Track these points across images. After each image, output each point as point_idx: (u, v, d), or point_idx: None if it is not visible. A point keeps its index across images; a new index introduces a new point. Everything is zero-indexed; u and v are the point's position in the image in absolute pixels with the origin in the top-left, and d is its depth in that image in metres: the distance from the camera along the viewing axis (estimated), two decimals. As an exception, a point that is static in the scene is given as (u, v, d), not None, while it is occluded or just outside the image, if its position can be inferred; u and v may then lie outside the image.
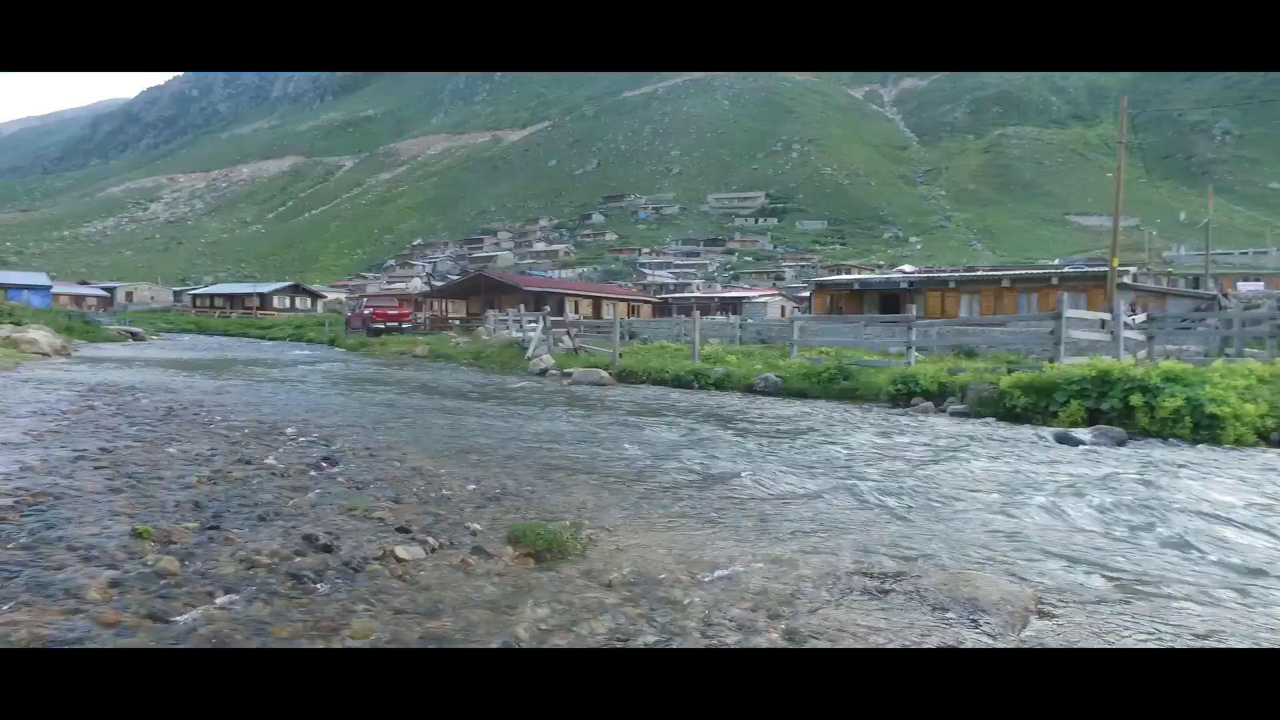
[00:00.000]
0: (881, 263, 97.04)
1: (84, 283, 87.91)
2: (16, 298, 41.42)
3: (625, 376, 16.79)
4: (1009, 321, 20.61)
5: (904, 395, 12.48)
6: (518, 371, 18.75)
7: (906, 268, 66.18)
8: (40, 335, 21.57)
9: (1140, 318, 17.98)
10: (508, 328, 25.19)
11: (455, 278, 64.51)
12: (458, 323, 37.07)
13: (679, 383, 15.70)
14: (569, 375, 16.65)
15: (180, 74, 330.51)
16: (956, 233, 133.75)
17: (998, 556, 4.19)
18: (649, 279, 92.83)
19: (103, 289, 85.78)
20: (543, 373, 17.75)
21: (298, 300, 70.69)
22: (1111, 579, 3.84)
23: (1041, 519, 5.09)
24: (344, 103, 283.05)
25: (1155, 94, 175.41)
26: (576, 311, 31.67)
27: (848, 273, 67.08)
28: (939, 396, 12.12)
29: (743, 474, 6.45)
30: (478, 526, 4.34)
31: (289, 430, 7.80)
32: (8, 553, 3.38)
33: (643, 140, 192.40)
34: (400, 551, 3.72)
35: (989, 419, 10.52)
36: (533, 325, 22.28)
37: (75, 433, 7.02)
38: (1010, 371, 11.62)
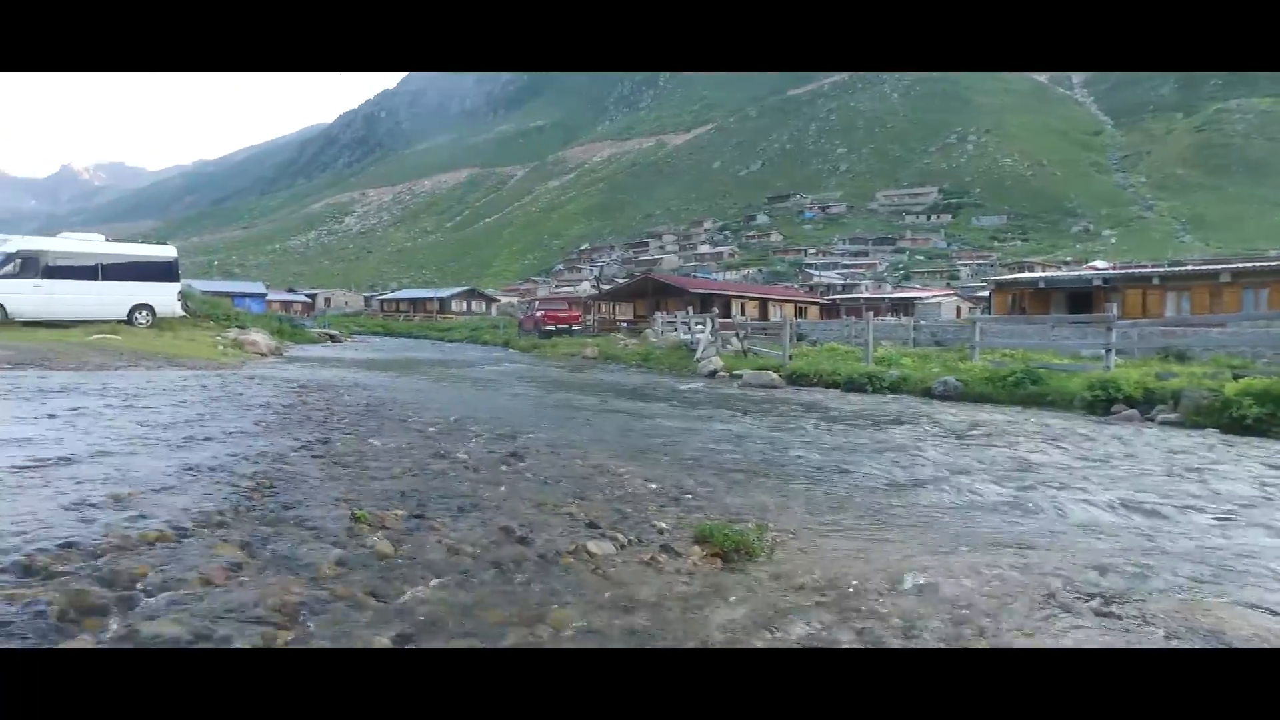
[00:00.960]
0: (1069, 259, 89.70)
1: (291, 290, 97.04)
2: (240, 304, 46.45)
3: (795, 379, 16.53)
4: (1230, 321, 18.47)
5: (1103, 402, 11.47)
6: (686, 373, 18.91)
7: (1099, 263, 60.76)
8: (259, 337, 24.12)
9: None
10: (675, 330, 25.45)
11: (622, 281, 66.02)
12: (625, 325, 37.84)
13: (852, 386, 15.27)
14: (738, 377, 16.59)
15: (371, 97, 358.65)
16: (1160, 223, 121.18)
17: (1237, 586, 3.76)
18: (815, 280, 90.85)
19: (306, 295, 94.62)
20: (712, 374, 17.81)
21: (474, 304, 74.87)
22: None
23: (1287, 543, 4.52)
24: (515, 115, 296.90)
25: None
26: (743, 313, 31.53)
27: (1031, 270, 62.61)
28: (1145, 404, 11.06)
29: (929, 482, 6.17)
30: (664, 525, 4.40)
31: (476, 427, 8.24)
32: (258, 528, 3.77)
33: (808, 139, 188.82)
34: (592, 547, 3.84)
35: (1208, 430, 9.48)
36: (700, 327, 22.40)
37: (294, 425, 7.75)
38: (1237, 378, 10.38)
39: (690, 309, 27.12)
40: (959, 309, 52.75)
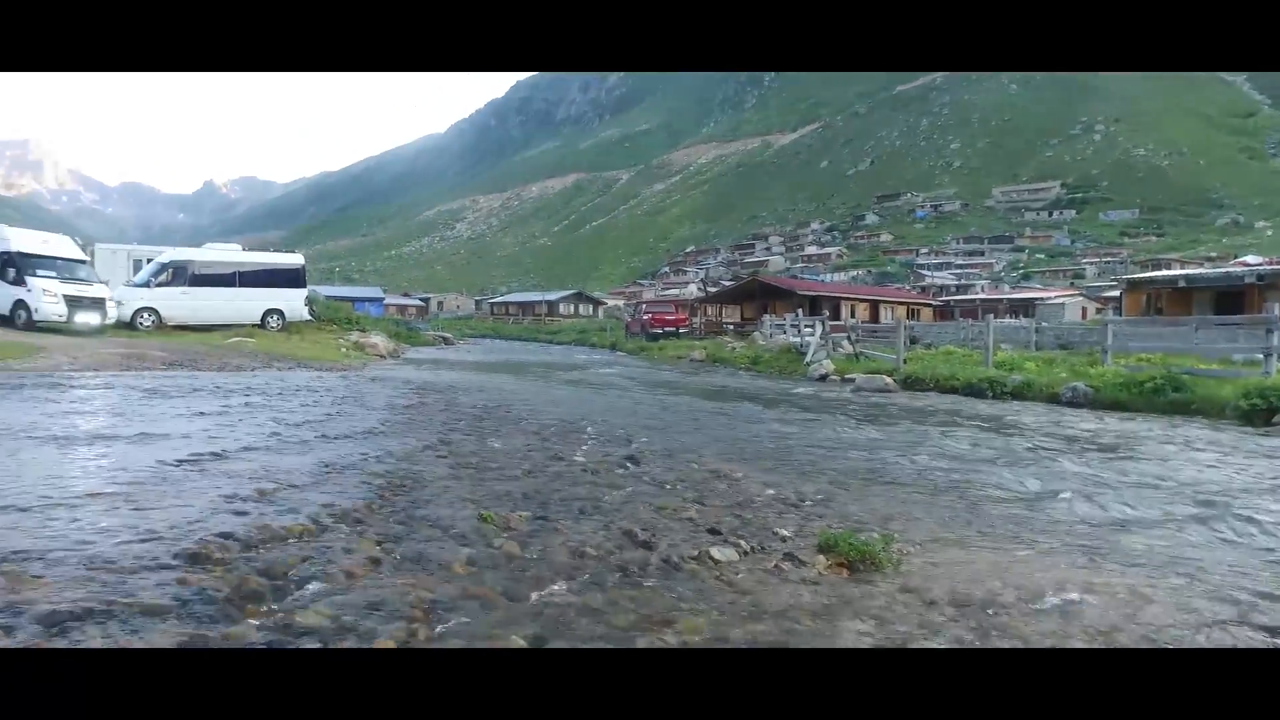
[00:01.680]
0: (1212, 254, 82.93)
1: (406, 294, 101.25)
2: (360, 309, 48.77)
3: (910, 383, 16.01)
4: None
5: (1261, 411, 10.54)
6: (796, 376, 18.64)
7: (1250, 259, 55.77)
8: (379, 340, 25.27)
9: None
10: (784, 332, 25.12)
11: (728, 283, 65.69)
12: (732, 328, 37.63)
13: (971, 391, 14.65)
14: (850, 381, 16.21)
15: (480, 107, 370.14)
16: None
17: None
18: (928, 281, 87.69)
19: (420, 299, 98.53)
20: (822, 378, 17.47)
21: (581, 307, 76.09)
22: None
23: None
24: (620, 120, 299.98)
25: None
26: (853, 315, 30.76)
27: (1168, 268, 58.47)
28: (1316, 415, 10.12)
29: (1062, 494, 5.85)
30: (785, 532, 4.33)
31: (589, 429, 8.34)
32: (392, 526, 3.93)
33: (919, 135, 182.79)
34: (715, 553, 3.81)
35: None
36: (810, 330, 22.04)
37: (416, 425, 8.06)
38: None
39: (799, 311, 26.68)
40: (1085, 310, 49.80)
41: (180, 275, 23.30)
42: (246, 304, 24.27)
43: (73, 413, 7.77)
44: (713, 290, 52.18)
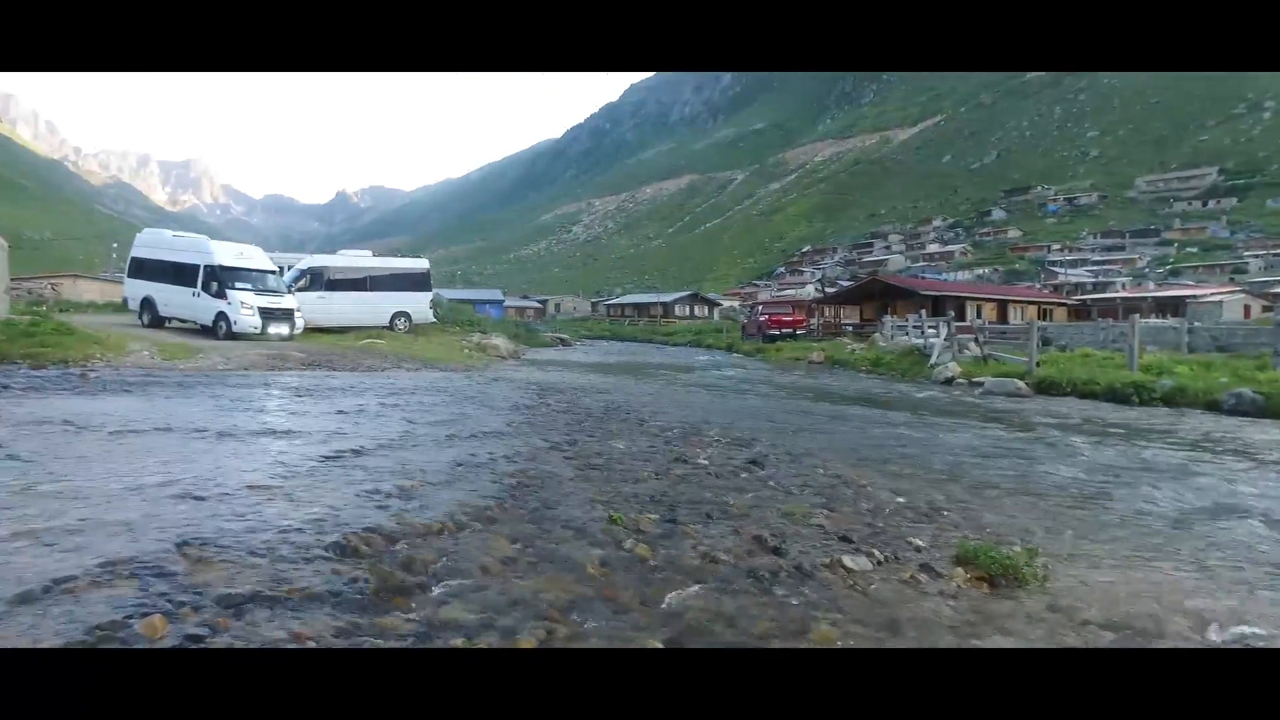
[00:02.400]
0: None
1: (524, 296, 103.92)
2: (481, 311, 50.40)
3: (1044, 387, 15.12)
4: None
5: None
6: (919, 379, 17.98)
7: None
8: (500, 341, 26.05)
9: None
10: (906, 334, 24.28)
11: (846, 283, 64.17)
12: (851, 329, 36.74)
13: (1113, 396, 13.70)
14: (979, 385, 15.48)
15: (595, 111, 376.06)
16: None
17: None
18: (1061, 278, 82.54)
19: (538, 301, 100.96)
20: (948, 381, 16.77)
21: (696, 308, 76.04)
22: None
23: None
24: (734, 120, 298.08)
25: None
26: (979, 316, 29.36)
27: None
28: None
29: (1228, 513, 5.39)
30: (920, 542, 4.18)
31: (711, 432, 8.31)
32: (524, 525, 4.03)
33: (1051, 124, 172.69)
34: (848, 561, 3.72)
35: None
36: (933, 331, 21.22)
37: (540, 426, 8.24)
38: None
39: (922, 312, 25.70)
40: (1248, 308, 45.53)
41: (317, 280, 24.68)
42: (376, 307, 25.44)
43: (230, 410, 8.38)
44: (830, 291, 51.02)
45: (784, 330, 36.68)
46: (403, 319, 25.74)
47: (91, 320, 18.70)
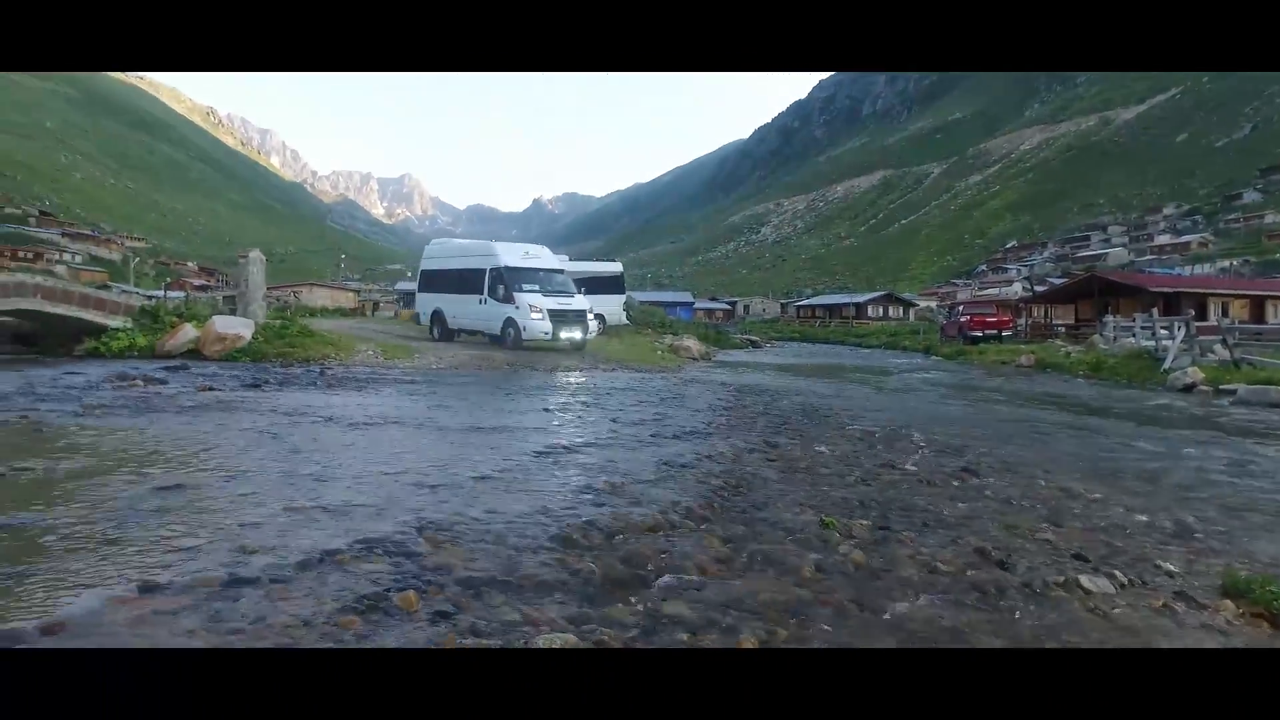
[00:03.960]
0: None
1: (714, 298, 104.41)
2: (671, 313, 51.27)
3: (1315, 396, 13.06)
4: None
5: None
6: (1150, 386, 16.17)
7: None
8: (691, 343, 26.29)
9: None
10: (1132, 335, 21.93)
11: (1057, 280, 59.10)
12: (1064, 330, 33.79)
13: None
14: (1229, 393, 13.65)
15: (783, 109, 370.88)
16: None
17: None
18: (1330, 270, 71.33)
19: (727, 303, 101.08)
20: (1187, 388, 14.95)
21: (890, 309, 72.99)
22: None
23: None
24: (930, 111, 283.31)
25: None
26: (1225, 315, 25.89)
27: None
28: None
29: None
30: (1171, 567, 3.76)
31: (916, 436, 7.94)
32: (735, 526, 4.04)
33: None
34: (1085, 582, 3.42)
35: None
36: (1166, 332, 19.03)
37: (739, 427, 8.23)
38: None
39: (1153, 311, 23.10)
40: None
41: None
42: None
43: (445, 406, 9.07)
44: (1040, 289, 47.16)
45: (987, 332, 34.33)
46: (598, 321, 26.60)
47: (323, 324, 20.81)
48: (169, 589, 2.66)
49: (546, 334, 17.81)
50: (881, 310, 71.15)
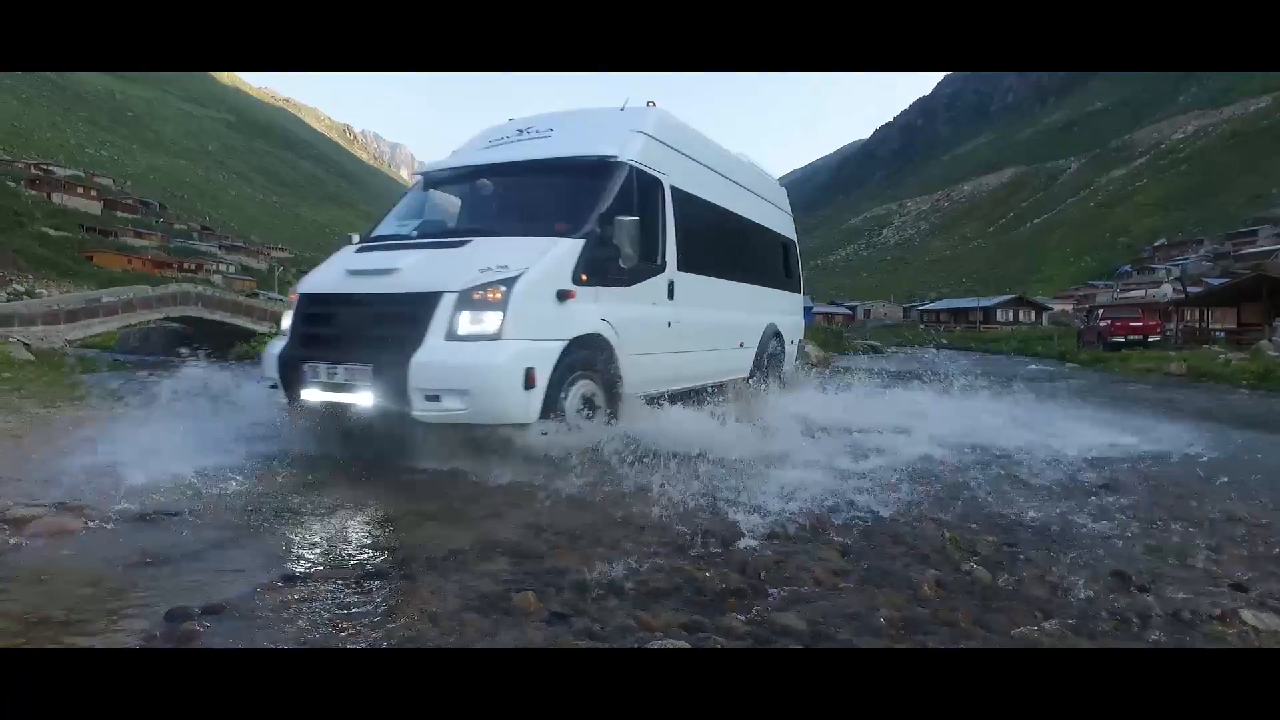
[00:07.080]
0: None
1: (833, 303, 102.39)
2: (790, 317, 50.45)
3: None
4: None
5: None
6: (1325, 397, 14.67)
7: None
8: (810, 349, 25.88)
9: None
10: (1306, 340, 19.97)
11: (1215, 281, 54.47)
12: (1222, 335, 31.12)
13: None
14: None
15: (906, 108, 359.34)
16: None
17: None
18: None
19: (847, 307, 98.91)
20: (1368, 400, 13.47)
21: (1020, 313, 69.45)
22: None
23: None
24: (1067, 102, 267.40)
25: None
26: None
27: None
28: None
29: None
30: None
31: (1054, 444, 7.51)
32: (852, 537, 3.96)
33: None
34: (1248, 616, 3.14)
35: None
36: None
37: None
38: None
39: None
40: None
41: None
42: None
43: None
44: (1194, 291, 43.61)
45: (1131, 337, 32.03)
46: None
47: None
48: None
49: None
50: (1011, 314, 67.80)
